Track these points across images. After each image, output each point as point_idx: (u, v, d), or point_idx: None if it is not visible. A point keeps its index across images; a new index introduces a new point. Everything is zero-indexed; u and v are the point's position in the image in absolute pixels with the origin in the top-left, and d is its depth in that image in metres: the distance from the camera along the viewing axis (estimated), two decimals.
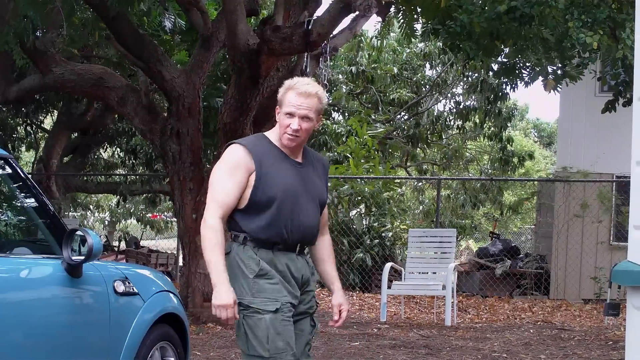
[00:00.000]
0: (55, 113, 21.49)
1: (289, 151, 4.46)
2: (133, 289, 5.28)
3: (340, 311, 4.63)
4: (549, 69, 10.37)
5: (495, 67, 11.43)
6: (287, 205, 4.36)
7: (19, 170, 4.89)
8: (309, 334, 4.52)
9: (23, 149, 23.77)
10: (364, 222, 16.19)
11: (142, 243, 25.41)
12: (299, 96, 4.40)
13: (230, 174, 4.36)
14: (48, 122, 24.23)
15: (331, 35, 10.13)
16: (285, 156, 4.46)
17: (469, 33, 9.31)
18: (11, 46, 10.57)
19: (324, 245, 4.65)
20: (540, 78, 10.48)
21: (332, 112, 24.51)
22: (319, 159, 4.70)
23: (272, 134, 4.53)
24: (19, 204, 5.06)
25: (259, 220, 4.34)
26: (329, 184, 16.56)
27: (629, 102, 11.64)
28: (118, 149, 22.87)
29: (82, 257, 4.68)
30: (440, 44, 18.32)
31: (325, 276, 4.67)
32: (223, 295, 4.19)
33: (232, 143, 4.49)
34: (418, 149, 25.12)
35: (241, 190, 4.35)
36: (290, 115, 4.40)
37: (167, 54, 12.13)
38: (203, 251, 4.30)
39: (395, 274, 13.62)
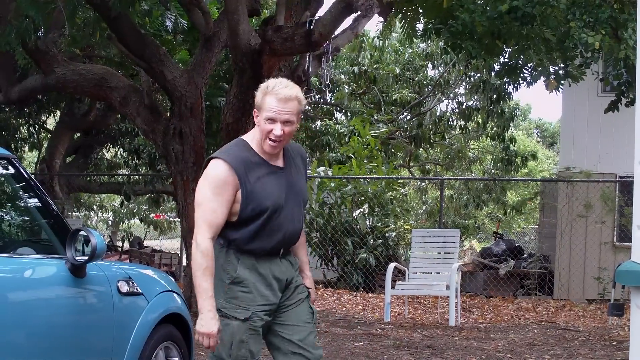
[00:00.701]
0: (58, 113, 21.51)
1: (269, 156, 4.41)
2: (137, 289, 5.27)
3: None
4: (551, 69, 10.37)
5: (497, 67, 11.42)
6: (274, 216, 4.34)
7: (22, 171, 4.89)
8: (310, 322, 4.49)
9: (26, 149, 23.80)
10: (368, 223, 16.18)
11: (145, 243, 25.41)
12: (279, 101, 4.31)
13: (217, 193, 4.30)
14: (51, 122, 24.25)
15: (333, 36, 10.12)
16: (267, 164, 4.40)
17: (470, 33, 9.30)
18: (13, 46, 10.58)
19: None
20: (542, 78, 10.48)
21: (335, 112, 24.52)
22: (297, 152, 4.62)
23: (251, 139, 4.44)
24: (22, 204, 5.06)
25: (244, 232, 4.33)
26: (332, 184, 16.56)
27: (631, 102, 11.63)
28: (121, 149, 22.87)
29: (86, 257, 4.67)
30: (442, 44, 18.34)
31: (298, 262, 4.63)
32: (208, 322, 4.19)
33: (213, 157, 4.40)
34: (421, 149, 25.13)
35: (229, 208, 4.31)
36: (272, 120, 4.32)
37: (169, 54, 12.14)
38: (193, 274, 4.26)
39: (399, 274, 13.61)
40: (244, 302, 4.28)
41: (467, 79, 23.01)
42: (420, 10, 11.07)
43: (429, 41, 19.52)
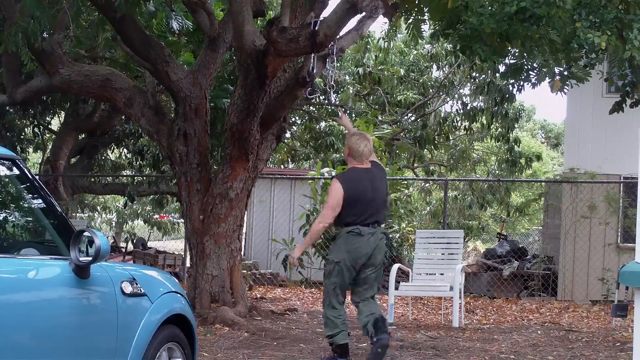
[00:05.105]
0: (63, 114, 21.54)
1: None
2: (140, 290, 5.27)
3: None
4: (556, 70, 10.35)
5: (502, 68, 11.41)
6: None
7: (26, 172, 4.89)
8: None
9: (30, 150, 23.83)
10: None
11: (149, 244, 25.43)
12: None
13: None
14: (55, 123, 24.28)
15: (338, 37, 10.11)
16: None
17: (479, 35, 9.30)
18: (19, 47, 10.59)
19: None
20: (547, 79, 10.46)
21: (339, 113, 24.50)
22: None
23: None
24: (26, 205, 5.06)
25: None
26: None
27: (636, 103, 11.63)
28: (125, 150, 22.89)
29: (90, 258, 4.68)
30: (448, 46, 18.31)
31: None
32: None
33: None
34: (425, 150, 25.13)
35: None
36: None
37: (174, 55, 12.15)
38: None
39: (403, 275, 13.61)
40: None
41: (472, 80, 23.01)
42: (426, 11, 11.06)
43: (434, 42, 19.53)
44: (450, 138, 25.48)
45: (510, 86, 15.76)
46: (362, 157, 8.24)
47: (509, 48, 10.05)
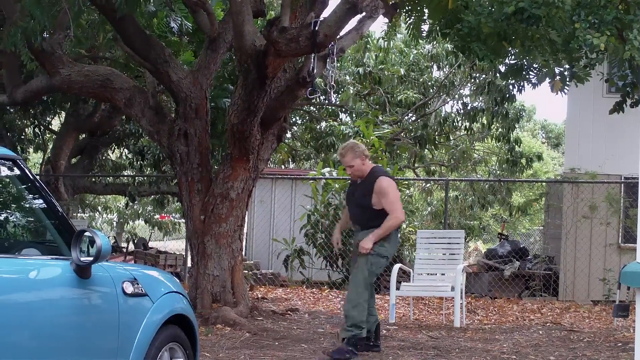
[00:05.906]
0: (63, 114, 21.54)
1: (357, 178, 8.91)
2: (142, 290, 5.27)
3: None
4: (556, 70, 10.35)
5: (502, 68, 11.41)
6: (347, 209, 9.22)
7: (27, 172, 4.89)
8: (356, 268, 8.90)
9: (31, 150, 23.83)
10: None
11: (150, 244, 25.42)
12: (339, 157, 9.01)
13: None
14: (56, 124, 24.28)
15: (338, 37, 10.11)
16: (355, 183, 8.92)
17: (477, 34, 9.29)
18: (19, 47, 10.57)
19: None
20: (548, 79, 10.46)
21: (340, 113, 24.53)
22: (372, 177, 8.66)
23: None
24: (27, 205, 5.06)
25: None
26: (337, 185, 16.58)
27: (636, 103, 11.63)
28: (126, 150, 22.89)
29: (91, 258, 4.67)
30: (449, 46, 18.31)
31: None
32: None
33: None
34: (426, 150, 25.13)
35: None
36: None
37: (174, 55, 12.14)
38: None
39: (404, 275, 13.61)
40: None
41: (472, 80, 23.00)
42: (426, 11, 11.06)
43: (434, 42, 19.54)
44: (451, 138, 25.48)
45: (510, 86, 15.76)
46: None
47: (508, 48, 10.05)
